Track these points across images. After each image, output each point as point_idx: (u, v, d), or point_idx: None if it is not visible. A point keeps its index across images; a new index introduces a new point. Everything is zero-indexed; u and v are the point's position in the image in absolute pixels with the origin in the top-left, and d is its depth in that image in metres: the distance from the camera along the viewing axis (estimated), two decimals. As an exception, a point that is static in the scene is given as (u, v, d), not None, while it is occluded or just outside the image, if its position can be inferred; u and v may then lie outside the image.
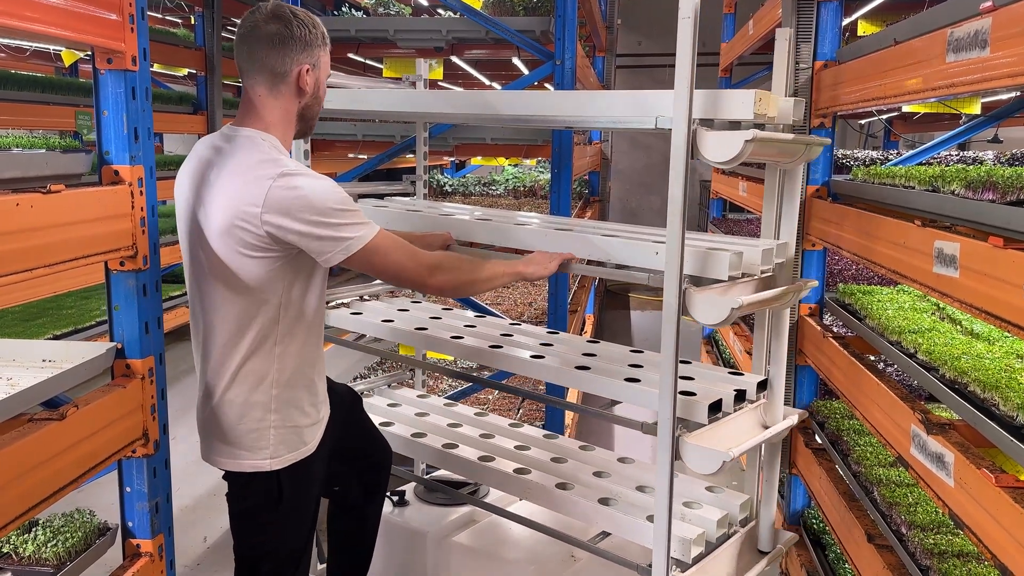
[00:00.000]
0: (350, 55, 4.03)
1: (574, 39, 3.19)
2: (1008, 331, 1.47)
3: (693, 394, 1.87)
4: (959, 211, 1.78)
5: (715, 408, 1.84)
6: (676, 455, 1.78)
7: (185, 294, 1.94)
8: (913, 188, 2.10)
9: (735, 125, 1.77)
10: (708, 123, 1.77)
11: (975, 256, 1.62)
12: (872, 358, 2.59)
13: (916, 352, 2.09)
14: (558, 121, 2.18)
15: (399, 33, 3.45)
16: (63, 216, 1.56)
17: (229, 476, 1.83)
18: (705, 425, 1.82)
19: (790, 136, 1.92)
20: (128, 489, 1.88)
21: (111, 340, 1.83)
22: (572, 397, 4.14)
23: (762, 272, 1.92)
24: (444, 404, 2.80)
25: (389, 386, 2.98)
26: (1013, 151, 2.98)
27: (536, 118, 2.17)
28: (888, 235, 2.12)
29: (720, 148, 1.70)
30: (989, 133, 4.23)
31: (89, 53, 1.72)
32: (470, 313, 2.75)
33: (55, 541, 1.76)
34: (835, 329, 2.88)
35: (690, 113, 1.65)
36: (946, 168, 2.10)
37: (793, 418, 2.08)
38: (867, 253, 2.25)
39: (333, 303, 2.71)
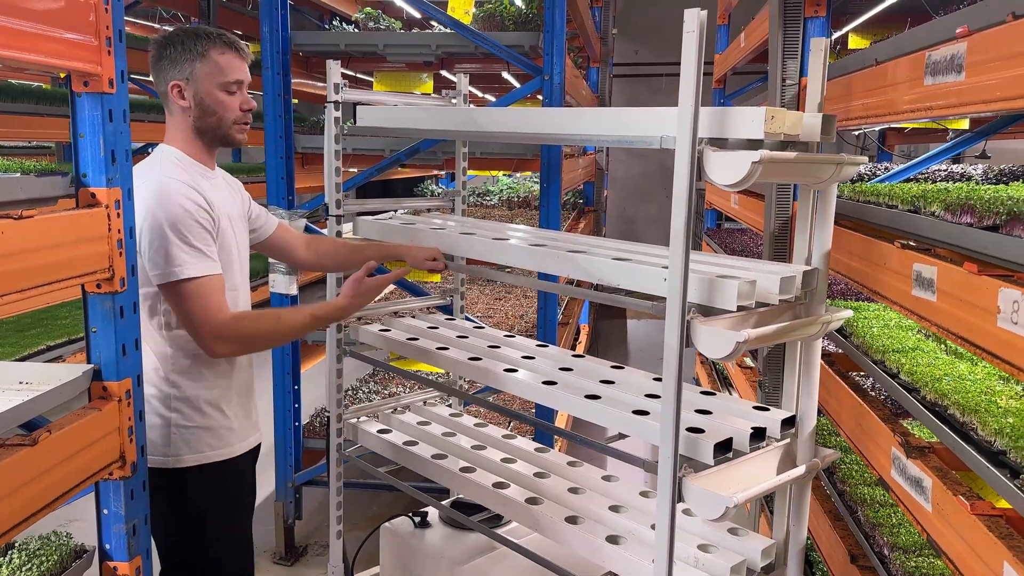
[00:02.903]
0: (341, 70, 4.03)
1: (562, 54, 3.19)
2: (983, 358, 1.47)
3: (702, 431, 1.74)
4: (939, 234, 1.77)
5: (724, 447, 1.72)
6: (679, 497, 1.67)
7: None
8: (896, 207, 2.10)
9: (755, 144, 1.63)
10: (720, 142, 1.65)
11: (951, 281, 1.61)
12: (861, 375, 2.59)
13: (899, 372, 2.08)
14: (559, 139, 2.13)
15: (388, 48, 3.45)
16: (36, 241, 1.55)
17: None
18: (711, 466, 1.69)
19: (806, 156, 1.78)
20: (105, 511, 1.86)
21: (88, 362, 1.82)
22: (561, 419, 4.11)
23: (781, 302, 1.77)
24: (474, 424, 2.73)
25: (424, 403, 2.96)
26: (1001, 166, 2.98)
27: (535, 136, 2.14)
28: (870, 255, 2.11)
29: (727, 170, 1.58)
30: (982, 147, 4.22)
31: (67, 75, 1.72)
32: (500, 333, 2.67)
33: (30, 564, 1.76)
34: (824, 345, 2.87)
35: (695, 132, 1.55)
36: (928, 187, 2.09)
37: (815, 461, 1.89)
38: (849, 272, 2.25)
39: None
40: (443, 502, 2.67)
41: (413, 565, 2.60)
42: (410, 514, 2.66)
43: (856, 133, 5.64)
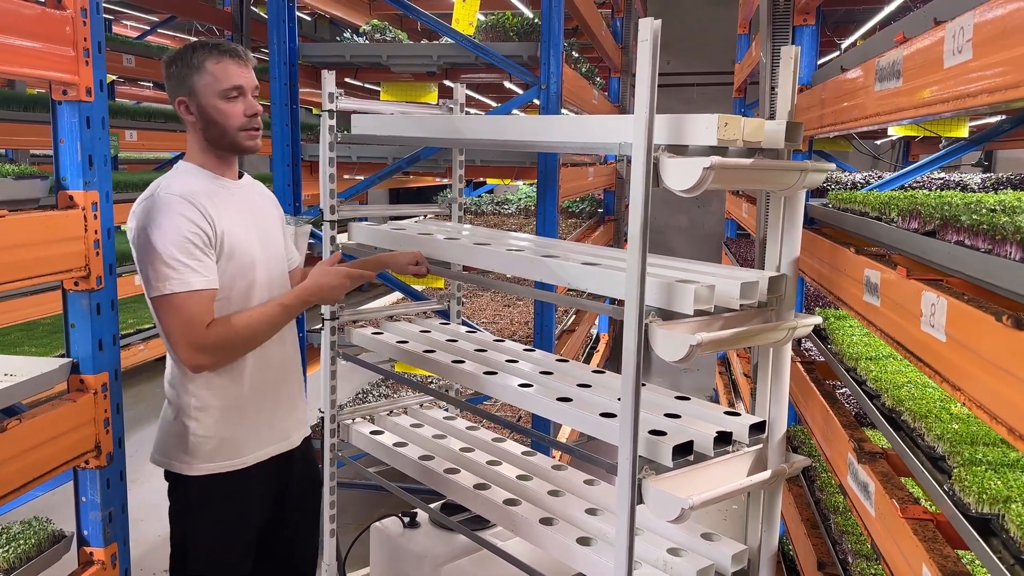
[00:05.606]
0: (347, 79, 4.14)
1: (559, 64, 3.24)
2: (911, 362, 1.47)
3: (664, 433, 1.76)
4: (894, 240, 1.78)
5: (685, 450, 1.72)
6: (639, 499, 1.67)
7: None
8: (866, 214, 2.10)
9: (720, 152, 1.64)
10: (681, 149, 1.67)
11: (890, 285, 1.61)
12: (838, 383, 2.57)
13: (866, 379, 2.08)
14: (532, 146, 2.18)
15: (392, 58, 3.54)
16: (11, 239, 1.65)
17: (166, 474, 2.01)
18: (670, 468, 1.70)
19: (765, 162, 1.77)
20: (84, 499, 1.96)
21: (67, 356, 1.92)
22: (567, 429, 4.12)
23: (745, 307, 1.76)
24: (466, 427, 2.77)
25: (421, 406, 3.02)
26: (1000, 175, 2.93)
27: (510, 143, 2.19)
28: (836, 262, 2.11)
29: (681, 176, 1.60)
30: (1004, 155, 4.14)
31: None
32: (490, 338, 2.72)
33: (8, 548, 1.85)
34: (813, 355, 2.86)
35: (650, 139, 1.57)
36: (896, 194, 2.09)
37: (783, 466, 1.89)
38: (820, 279, 2.26)
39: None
40: (434, 504, 2.72)
41: (400, 565, 2.64)
42: (400, 514, 2.70)
43: (878, 142, 5.58)
